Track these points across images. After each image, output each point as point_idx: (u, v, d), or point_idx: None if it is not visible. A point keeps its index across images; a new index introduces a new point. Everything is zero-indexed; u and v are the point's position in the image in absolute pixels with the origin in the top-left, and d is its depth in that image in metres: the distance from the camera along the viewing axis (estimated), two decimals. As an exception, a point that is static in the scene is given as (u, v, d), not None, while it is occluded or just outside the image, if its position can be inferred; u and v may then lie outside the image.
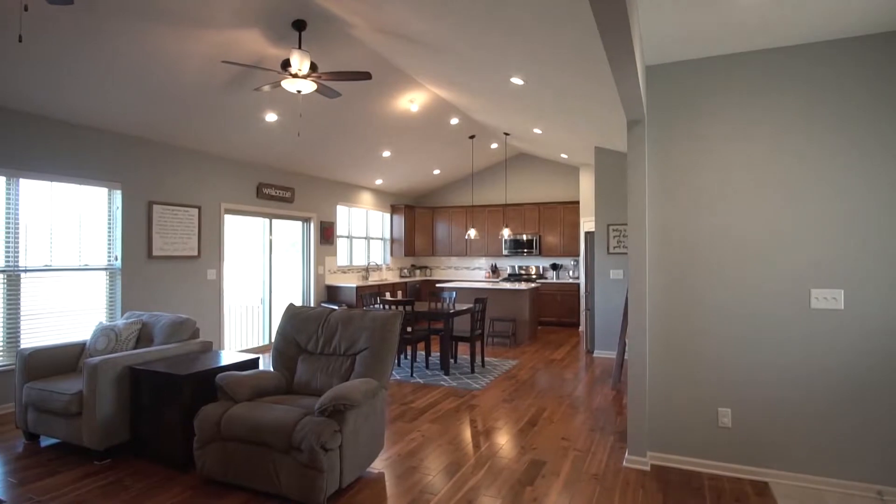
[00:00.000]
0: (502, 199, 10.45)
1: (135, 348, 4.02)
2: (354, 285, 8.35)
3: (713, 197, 3.21)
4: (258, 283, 7.45)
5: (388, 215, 10.57)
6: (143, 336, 4.11)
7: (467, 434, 3.93)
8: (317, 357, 3.51)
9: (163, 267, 5.82)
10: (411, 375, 5.68)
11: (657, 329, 3.33)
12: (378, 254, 10.39)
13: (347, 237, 9.34)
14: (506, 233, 8.37)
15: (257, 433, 2.84)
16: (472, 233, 8.59)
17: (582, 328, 9.12)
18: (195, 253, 6.21)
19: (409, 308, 5.67)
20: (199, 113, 5.26)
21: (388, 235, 10.58)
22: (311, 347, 3.56)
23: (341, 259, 9.11)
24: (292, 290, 8.15)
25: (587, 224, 8.93)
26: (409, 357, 6.65)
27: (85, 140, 5.07)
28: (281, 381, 3.47)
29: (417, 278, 10.72)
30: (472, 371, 5.84)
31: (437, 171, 9.89)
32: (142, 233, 5.60)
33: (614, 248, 6.78)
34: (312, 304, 8.23)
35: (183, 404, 3.22)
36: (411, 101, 6.24)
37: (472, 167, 10.13)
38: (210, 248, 6.43)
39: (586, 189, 9.03)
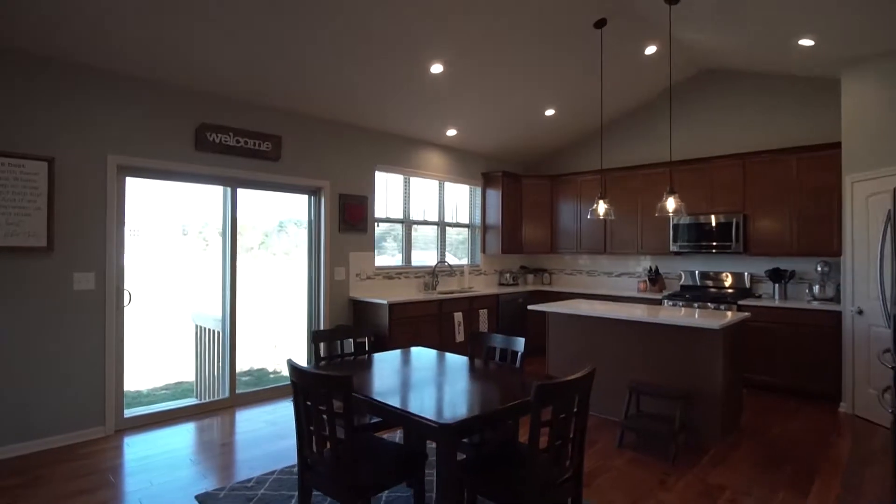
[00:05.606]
0: (666, 153, 5.95)
1: None
2: (389, 301, 4.89)
3: None
4: (216, 293, 4.46)
5: (478, 190, 6.88)
6: None
7: None
8: None
9: (-50, 267, 3.10)
10: (350, 590, 1.99)
11: None
12: (462, 249, 6.79)
13: (401, 221, 5.93)
14: (670, 205, 4.07)
15: None
16: (602, 208, 4.47)
17: (844, 407, 4.32)
18: (41, 242, 3.39)
19: (338, 395, 2.00)
20: None
21: (478, 221, 6.90)
22: None
23: (385, 258, 5.73)
24: (292, 306, 5.03)
25: (864, 185, 4.13)
26: None
27: None
28: None
29: (527, 287, 6.82)
30: None
31: (550, 112, 5.91)
32: None
33: None
34: (322, 328, 4.99)
35: None
36: None
37: (602, 90, 5.87)
38: (80, 233, 3.58)
39: (863, 110, 4.22)
